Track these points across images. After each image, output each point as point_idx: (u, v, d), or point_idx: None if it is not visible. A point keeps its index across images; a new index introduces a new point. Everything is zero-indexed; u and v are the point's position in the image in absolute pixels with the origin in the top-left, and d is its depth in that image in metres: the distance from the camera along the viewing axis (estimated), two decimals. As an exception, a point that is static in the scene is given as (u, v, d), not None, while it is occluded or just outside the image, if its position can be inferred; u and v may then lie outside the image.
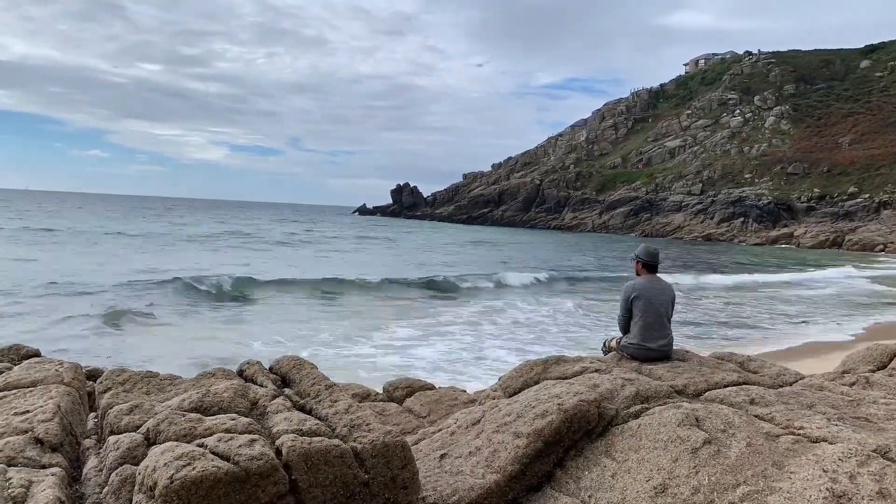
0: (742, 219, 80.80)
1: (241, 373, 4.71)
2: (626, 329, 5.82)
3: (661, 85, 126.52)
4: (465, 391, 7.01)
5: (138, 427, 3.73)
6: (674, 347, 5.81)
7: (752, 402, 4.59)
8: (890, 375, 5.47)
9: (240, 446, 3.24)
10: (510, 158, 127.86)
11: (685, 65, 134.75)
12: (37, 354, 5.38)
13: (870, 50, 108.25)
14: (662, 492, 3.61)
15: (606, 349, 6.22)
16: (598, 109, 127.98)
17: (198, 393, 3.96)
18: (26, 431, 3.62)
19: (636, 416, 4.43)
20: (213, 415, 3.73)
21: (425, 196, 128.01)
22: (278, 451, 3.32)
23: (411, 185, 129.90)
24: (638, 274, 5.94)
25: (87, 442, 3.97)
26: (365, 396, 6.75)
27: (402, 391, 6.75)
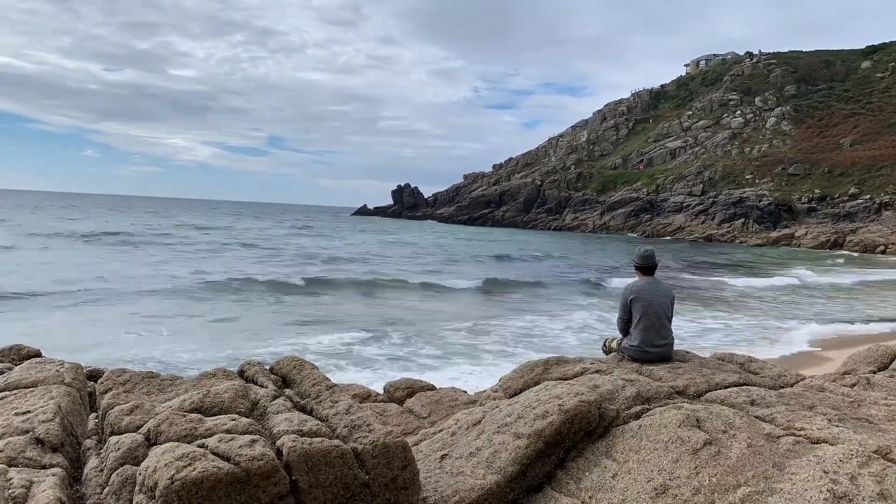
0: (743, 220, 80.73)
1: (241, 373, 4.71)
2: (625, 331, 5.83)
3: (662, 86, 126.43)
4: (465, 392, 7.02)
5: (139, 427, 3.73)
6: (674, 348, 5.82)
7: (752, 403, 4.59)
8: (891, 376, 5.47)
9: (240, 447, 3.24)
10: (511, 159, 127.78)
11: (686, 66, 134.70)
12: (38, 355, 5.39)
13: (871, 51, 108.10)
14: (663, 493, 3.61)
15: (607, 349, 6.21)
16: (599, 110, 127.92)
17: (198, 393, 3.96)
18: (27, 432, 3.62)
19: (637, 416, 4.43)
20: (214, 415, 3.72)
21: (426, 197, 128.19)
22: (279, 452, 3.32)
23: (412, 185, 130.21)
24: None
25: (88, 442, 3.97)
26: (366, 397, 6.76)
27: (403, 392, 6.76)
